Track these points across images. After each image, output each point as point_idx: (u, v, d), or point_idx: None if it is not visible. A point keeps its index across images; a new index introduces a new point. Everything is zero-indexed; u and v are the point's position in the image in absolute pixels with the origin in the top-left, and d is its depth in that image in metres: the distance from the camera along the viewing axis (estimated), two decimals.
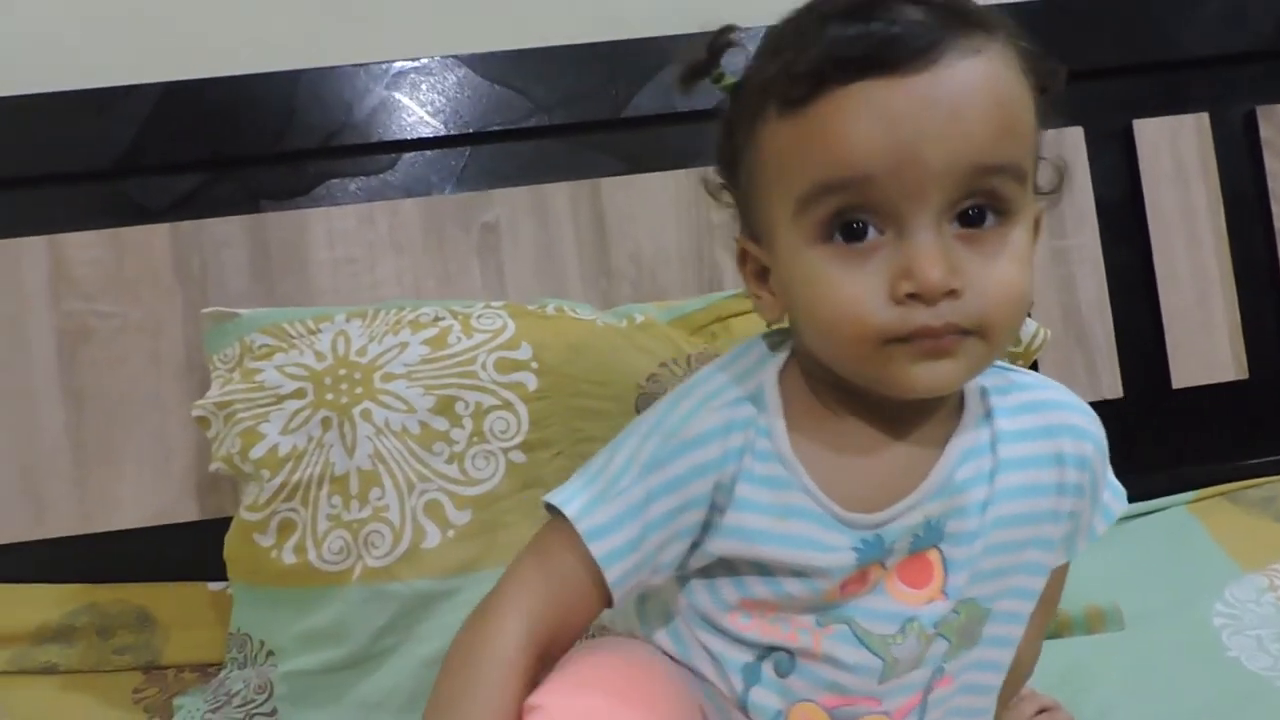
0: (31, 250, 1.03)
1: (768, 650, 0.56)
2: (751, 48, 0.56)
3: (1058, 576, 0.63)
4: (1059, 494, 0.58)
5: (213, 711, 0.84)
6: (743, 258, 0.58)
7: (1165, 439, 1.18)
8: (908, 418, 0.56)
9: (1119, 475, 1.18)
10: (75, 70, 1.05)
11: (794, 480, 0.55)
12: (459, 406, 0.87)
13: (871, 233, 0.50)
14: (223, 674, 0.88)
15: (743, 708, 0.57)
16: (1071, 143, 1.16)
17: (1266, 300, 1.19)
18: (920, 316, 0.49)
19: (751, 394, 0.56)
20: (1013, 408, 0.58)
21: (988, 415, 0.58)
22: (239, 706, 0.84)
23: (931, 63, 0.47)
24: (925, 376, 0.50)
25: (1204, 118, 1.18)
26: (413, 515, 0.85)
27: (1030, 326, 0.97)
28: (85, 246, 1.03)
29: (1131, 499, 1.07)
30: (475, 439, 0.86)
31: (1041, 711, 0.74)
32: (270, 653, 0.85)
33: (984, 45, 0.49)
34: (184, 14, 1.10)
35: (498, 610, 0.56)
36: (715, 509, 0.55)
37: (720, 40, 0.57)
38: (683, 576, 0.58)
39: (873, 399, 0.54)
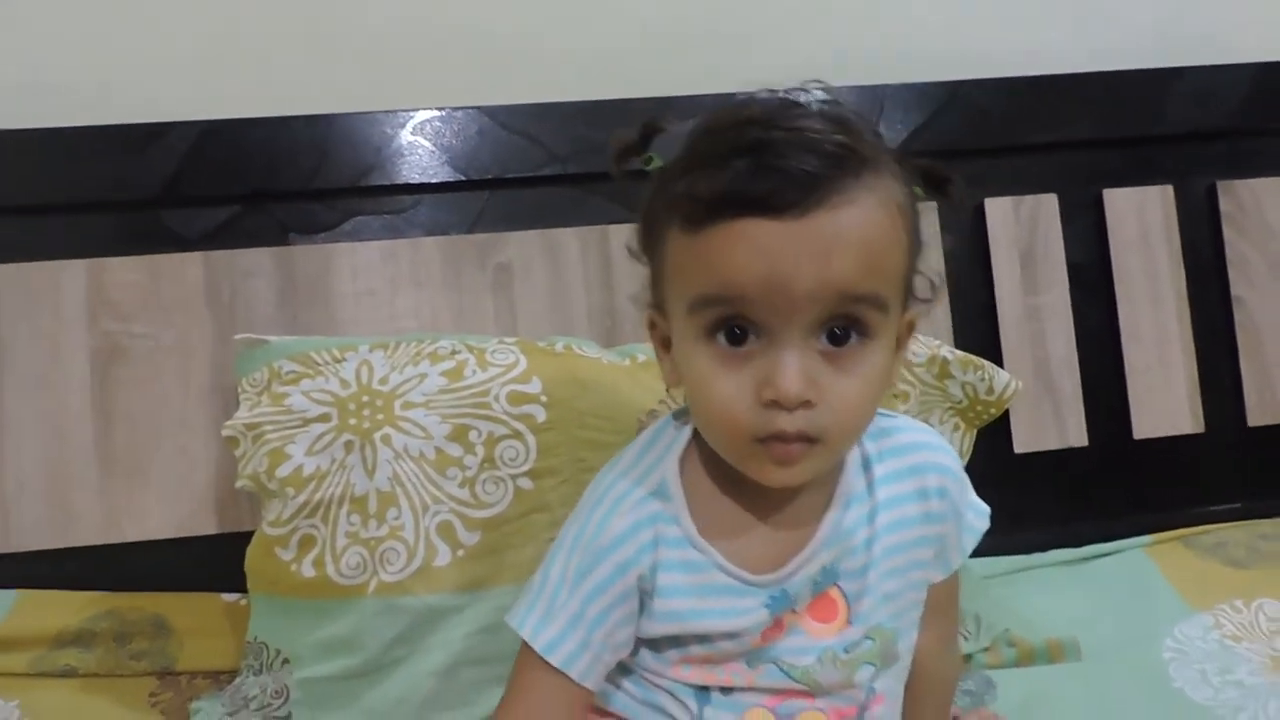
0: (72, 272, 1.09)
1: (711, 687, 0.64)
2: (679, 129, 0.61)
3: (949, 588, 0.71)
4: (925, 523, 0.66)
5: (230, 715, 0.89)
6: (651, 325, 0.66)
7: (1126, 486, 1.25)
8: None
9: (1082, 519, 1.26)
10: (121, 106, 1.12)
11: (707, 560, 0.63)
12: (472, 435, 0.93)
13: (750, 339, 0.57)
14: (238, 680, 0.92)
15: None
16: (1047, 208, 1.24)
17: (1222, 359, 1.27)
18: (779, 421, 0.56)
19: (655, 489, 0.64)
20: (884, 452, 0.67)
21: (865, 463, 0.66)
22: (256, 710, 0.89)
23: (809, 210, 0.54)
24: (778, 476, 0.59)
25: (1169, 189, 1.27)
26: (426, 535, 0.91)
27: (1003, 377, 1.04)
28: (123, 271, 1.09)
29: (1092, 540, 1.17)
30: (486, 465, 0.92)
31: None
32: (286, 660, 0.90)
33: (860, 194, 0.56)
34: (226, 59, 1.17)
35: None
36: (645, 595, 0.63)
37: (650, 127, 0.63)
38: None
39: None
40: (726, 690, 0.64)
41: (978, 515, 0.70)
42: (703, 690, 0.65)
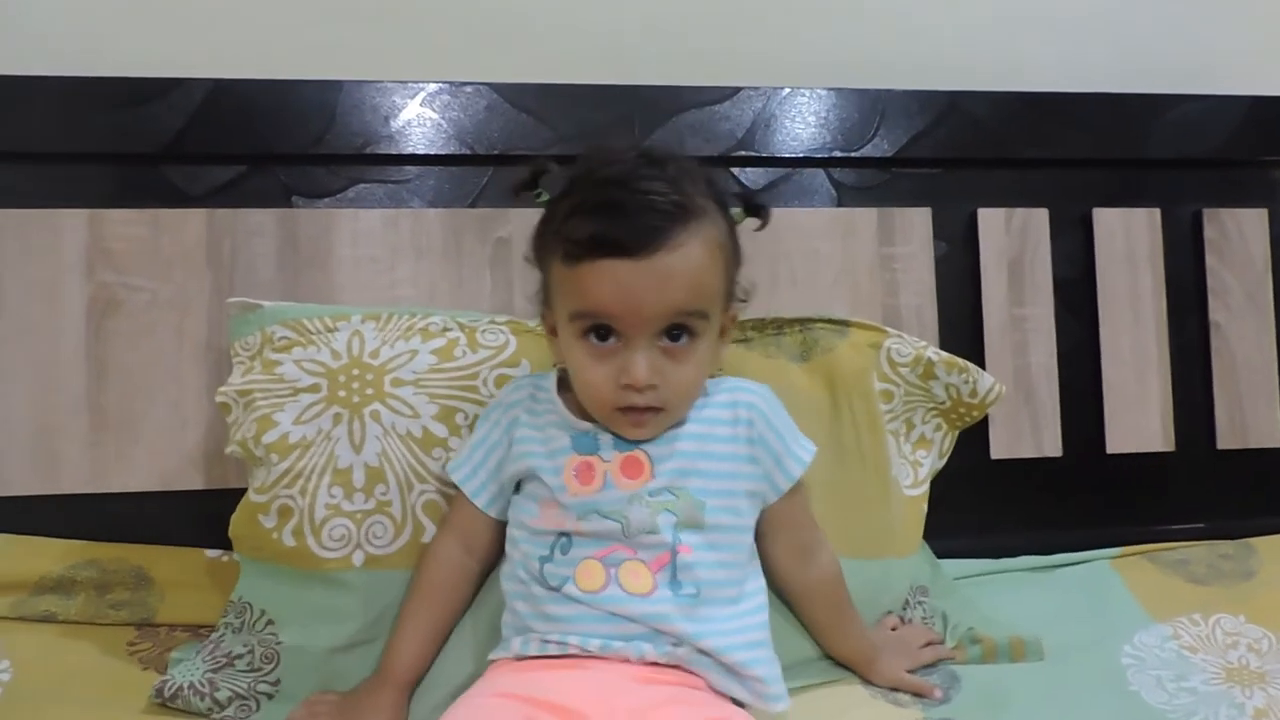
0: (72, 222, 1.09)
1: (556, 537, 0.82)
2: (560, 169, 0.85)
3: (787, 510, 0.90)
4: (733, 426, 0.87)
5: (213, 671, 0.89)
6: (542, 316, 0.89)
7: (1096, 498, 1.28)
8: None
9: (1052, 528, 1.29)
10: (131, 60, 1.13)
11: (553, 411, 0.87)
12: (458, 417, 0.95)
13: (612, 340, 0.80)
14: (215, 636, 0.93)
15: (542, 579, 0.82)
16: (1037, 222, 1.27)
17: (1196, 382, 1.31)
18: (632, 398, 0.80)
19: (534, 379, 0.92)
20: (716, 390, 0.89)
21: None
22: (244, 671, 0.89)
23: (652, 253, 0.78)
24: (634, 432, 0.83)
25: (1156, 213, 1.30)
26: (413, 511, 0.93)
27: (987, 380, 1.06)
28: (124, 223, 1.10)
29: (1060, 549, 1.20)
30: None
31: (928, 644, 0.96)
32: (270, 621, 0.91)
33: (690, 237, 0.79)
34: (240, 17, 1.18)
35: (439, 532, 0.92)
36: (512, 441, 0.87)
37: (538, 169, 0.86)
38: (511, 498, 0.89)
39: None
40: (565, 549, 0.82)
41: (804, 449, 0.90)
42: (545, 554, 0.82)
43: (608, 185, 0.79)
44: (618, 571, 0.80)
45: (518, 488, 0.88)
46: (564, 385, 0.88)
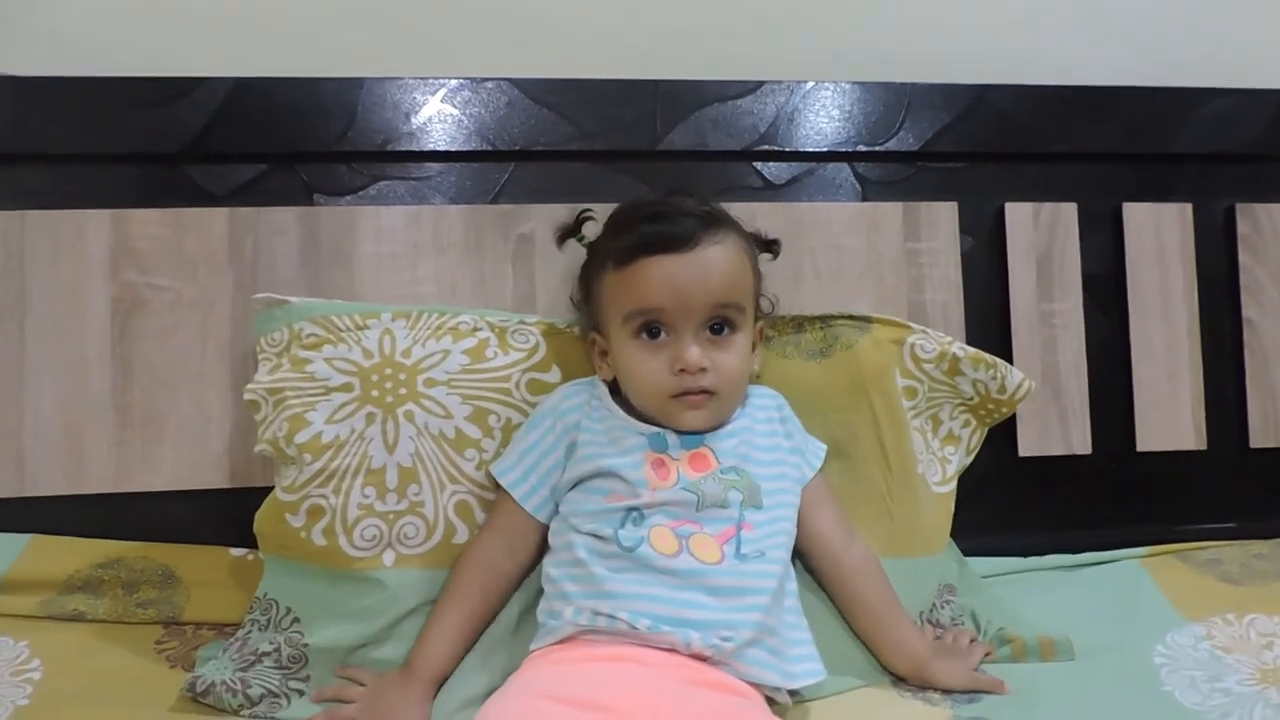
0: (96, 222, 1.09)
1: (627, 511, 0.87)
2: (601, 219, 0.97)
3: (815, 491, 0.96)
4: (770, 423, 0.95)
5: (242, 670, 0.89)
6: (591, 344, 0.96)
7: (1126, 497, 1.26)
8: None
9: (1081, 526, 1.28)
10: (153, 59, 1.13)
11: (614, 416, 0.92)
12: (491, 419, 0.95)
13: (662, 335, 0.89)
14: (242, 633, 0.93)
15: (618, 541, 0.85)
16: (1066, 217, 1.25)
17: (1228, 380, 1.28)
18: (686, 382, 0.88)
19: (587, 384, 0.96)
20: (752, 396, 0.96)
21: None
22: (273, 668, 0.89)
23: (692, 248, 0.88)
24: (689, 419, 0.90)
25: (1187, 208, 1.27)
26: (444, 512, 0.93)
27: (1016, 376, 1.05)
28: (147, 223, 1.10)
29: (1089, 548, 1.18)
30: (503, 450, 0.94)
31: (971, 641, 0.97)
32: (297, 619, 0.91)
33: (723, 238, 0.90)
34: (260, 16, 1.18)
35: (481, 534, 0.93)
36: (573, 444, 0.91)
37: (581, 216, 1.00)
38: (565, 496, 0.91)
39: None
40: (637, 521, 0.86)
41: (817, 446, 0.99)
42: (619, 524, 0.86)
43: (648, 204, 0.93)
44: (688, 542, 0.85)
45: (570, 486, 0.90)
46: (614, 394, 0.93)
